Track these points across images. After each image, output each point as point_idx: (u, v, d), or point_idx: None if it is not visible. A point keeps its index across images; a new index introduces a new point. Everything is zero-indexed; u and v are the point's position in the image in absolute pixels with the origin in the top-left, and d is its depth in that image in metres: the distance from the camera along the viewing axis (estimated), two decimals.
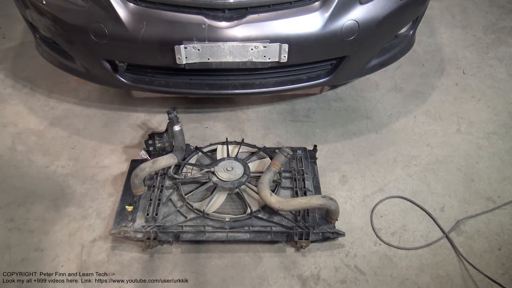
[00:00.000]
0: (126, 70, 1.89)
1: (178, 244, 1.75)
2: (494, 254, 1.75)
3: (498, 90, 2.57)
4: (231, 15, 1.69)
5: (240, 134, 2.25)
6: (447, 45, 2.91)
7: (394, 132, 2.28)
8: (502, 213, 1.91)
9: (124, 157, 2.10)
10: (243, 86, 1.95)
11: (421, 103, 2.46)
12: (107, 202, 1.90)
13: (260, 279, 1.65)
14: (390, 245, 1.77)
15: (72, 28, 1.72)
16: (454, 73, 2.68)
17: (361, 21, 1.72)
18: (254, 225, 1.71)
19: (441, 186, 2.01)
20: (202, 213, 1.71)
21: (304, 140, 2.22)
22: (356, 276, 1.67)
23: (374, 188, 1.99)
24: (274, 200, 1.66)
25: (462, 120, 2.36)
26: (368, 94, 2.51)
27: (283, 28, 1.69)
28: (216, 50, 1.68)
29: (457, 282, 1.66)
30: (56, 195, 1.92)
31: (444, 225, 1.85)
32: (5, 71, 2.57)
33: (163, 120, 2.30)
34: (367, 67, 2.01)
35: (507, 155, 2.17)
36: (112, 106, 2.39)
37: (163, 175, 1.87)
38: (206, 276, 1.65)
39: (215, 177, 1.82)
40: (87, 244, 1.75)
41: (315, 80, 1.96)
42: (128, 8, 1.67)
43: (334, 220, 1.73)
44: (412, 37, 2.14)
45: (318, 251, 1.74)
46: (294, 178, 1.88)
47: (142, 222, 1.70)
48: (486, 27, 3.09)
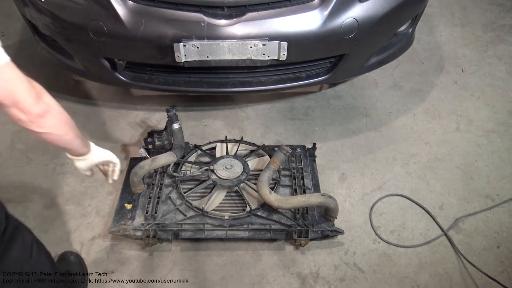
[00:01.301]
0: (125, 68, 1.89)
1: (177, 242, 1.75)
2: (493, 252, 1.75)
3: (497, 88, 2.57)
4: (230, 13, 1.69)
5: (239, 132, 2.25)
6: (446, 43, 2.91)
7: (393, 130, 2.28)
8: (501, 211, 1.91)
9: (123, 155, 2.10)
10: (242, 84, 1.94)
11: (420, 101, 2.46)
12: (106, 200, 1.90)
13: (259, 277, 1.65)
14: (389, 243, 1.77)
15: (71, 26, 1.72)
16: (454, 71, 2.68)
17: (360, 19, 1.72)
18: (253, 223, 1.71)
19: (440, 184, 2.01)
20: (201, 211, 1.72)
21: (303, 138, 2.22)
22: (355, 274, 1.67)
23: (373, 186, 1.99)
24: (273, 198, 1.66)
25: (461, 118, 2.36)
26: (367, 92, 2.51)
27: (282, 26, 1.69)
28: (215, 48, 1.68)
29: (456, 280, 1.66)
30: (55, 193, 1.92)
31: (443, 223, 1.85)
32: None
33: (162, 118, 2.30)
34: (366, 65, 2.01)
35: (506, 153, 2.17)
36: (111, 104, 2.38)
37: (162, 173, 1.87)
38: (206, 274, 1.66)
39: (214, 175, 1.82)
40: (86, 242, 1.75)
41: (314, 78, 1.96)
42: (127, 6, 1.66)
43: (333, 218, 1.73)
44: (412, 35, 2.14)
45: (317, 249, 1.74)
46: (293, 176, 1.88)
47: (141, 220, 1.70)
48: (485, 25, 3.09)
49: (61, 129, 1.06)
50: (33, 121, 0.97)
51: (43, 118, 0.98)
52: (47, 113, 0.99)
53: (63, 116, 1.06)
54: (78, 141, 1.18)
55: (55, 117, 1.02)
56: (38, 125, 0.99)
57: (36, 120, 0.97)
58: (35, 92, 0.96)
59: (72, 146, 1.17)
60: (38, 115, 0.97)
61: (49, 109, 1.00)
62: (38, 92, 0.98)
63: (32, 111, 0.95)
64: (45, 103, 0.99)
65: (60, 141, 1.09)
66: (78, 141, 1.17)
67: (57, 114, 1.03)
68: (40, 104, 0.97)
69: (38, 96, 0.97)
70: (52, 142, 1.07)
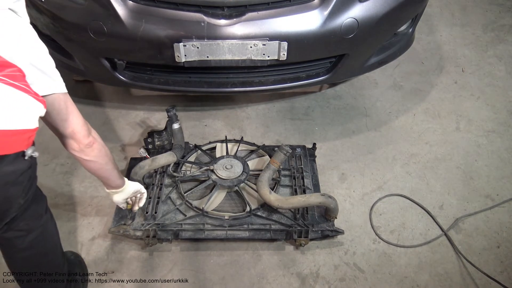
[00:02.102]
0: (125, 68, 1.89)
1: (177, 242, 1.75)
2: (493, 252, 1.75)
3: (497, 88, 2.57)
4: (230, 13, 1.69)
5: (239, 132, 2.25)
6: (446, 43, 2.91)
7: (393, 130, 2.28)
8: (501, 211, 1.91)
9: (123, 155, 2.10)
10: (242, 84, 1.94)
11: (420, 101, 2.46)
12: (106, 200, 1.90)
13: (259, 277, 1.65)
14: (389, 243, 1.77)
15: (71, 26, 1.72)
16: (453, 71, 2.68)
17: (360, 19, 1.72)
18: (253, 223, 1.71)
19: (440, 184, 2.01)
20: (201, 211, 1.72)
21: (303, 138, 2.22)
22: (355, 274, 1.67)
23: (373, 186, 1.99)
24: (273, 198, 1.66)
25: (461, 118, 2.36)
26: (367, 92, 2.51)
27: (282, 26, 1.69)
28: (215, 48, 1.68)
29: (456, 280, 1.66)
30: (55, 193, 1.92)
31: (443, 223, 1.85)
32: None
33: (162, 118, 2.30)
34: (366, 65, 2.01)
35: (506, 153, 2.17)
36: (111, 104, 2.38)
37: (162, 173, 1.87)
38: (205, 274, 1.66)
39: (214, 175, 1.82)
40: (86, 242, 1.75)
41: (314, 78, 1.96)
42: (127, 6, 1.66)
43: (333, 218, 1.73)
44: (411, 35, 2.14)
45: (317, 249, 1.74)
46: (293, 176, 1.88)
47: (141, 220, 1.70)
48: (485, 25, 3.09)
49: (103, 159, 1.24)
50: (83, 150, 1.16)
51: (91, 148, 1.17)
52: (94, 144, 1.17)
53: (105, 148, 1.24)
54: (116, 172, 1.34)
55: (99, 148, 1.20)
56: (86, 154, 1.17)
57: (85, 150, 1.16)
58: (87, 126, 1.15)
59: (111, 176, 1.33)
60: (87, 145, 1.16)
61: (95, 141, 1.18)
62: (88, 126, 1.17)
63: (83, 142, 1.14)
64: (92, 136, 1.17)
65: (102, 169, 1.26)
66: (115, 172, 1.34)
67: (100, 146, 1.21)
68: (90, 137, 1.16)
69: (89, 130, 1.16)
70: (96, 171, 1.26)
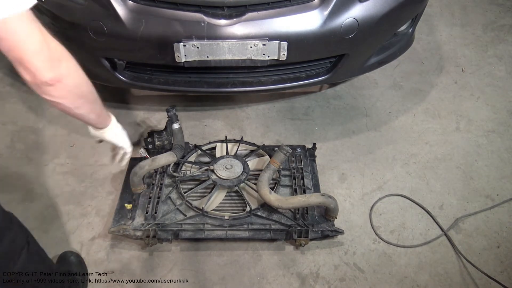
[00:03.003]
0: (125, 68, 1.89)
1: (177, 242, 1.75)
2: (493, 252, 1.75)
3: (497, 88, 2.57)
4: (230, 13, 1.68)
5: (239, 132, 2.25)
6: (446, 43, 2.91)
7: (393, 130, 2.28)
8: (501, 211, 1.91)
9: None
10: (242, 84, 1.94)
11: (420, 101, 2.46)
12: (106, 200, 1.90)
13: (259, 277, 1.65)
14: (389, 243, 1.77)
15: (71, 26, 1.72)
16: (453, 71, 2.68)
17: (360, 19, 1.72)
18: (253, 223, 1.71)
19: (440, 184, 2.01)
20: (201, 211, 1.72)
21: (303, 138, 2.22)
22: (355, 274, 1.67)
23: (373, 186, 1.99)
24: (273, 198, 1.66)
25: (461, 118, 2.36)
26: (367, 92, 2.51)
27: (282, 26, 1.69)
28: (215, 48, 1.68)
29: (456, 280, 1.66)
30: (55, 193, 1.92)
31: (443, 223, 1.85)
32: (4, 70, 2.56)
33: (162, 118, 2.30)
34: (366, 65, 2.01)
35: (506, 153, 2.17)
36: (111, 104, 2.38)
37: (162, 173, 1.87)
38: (205, 274, 1.66)
39: (214, 175, 1.82)
40: (86, 242, 1.75)
41: (314, 78, 1.96)
42: (127, 5, 1.66)
43: (333, 218, 1.73)
44: (411, 35, 2.14)
45: (317, 249, 1.74)
46: (293, 176, 1.88)
47: (141, 220, 1.70)
48: (485, 25, 3.09)
49: (72, 102, 0.99)
50: (39, 87, 0.89)
51: (52, 87, 0.89)
52: (58, 83, 0.89)
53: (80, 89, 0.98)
54: (92, 117, 1.12)
55: (67, 88, 0.93)
56: (44, 92, 0.91)
57: (43, 87, 0.89)
58: (49, 55, 0.85)
59: (84, 120, 1.11)
60: (46, 82, 0.87)
61: (62, 78, 0.90)
62: (55, 56, 0.87)
63: (39, 75, 0.86)
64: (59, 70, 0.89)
65: (70, 113, 1.04)
66: (92, 117, 1.11)
67: (72, 86, 0.94)
68: (53, 70, 0.87)
69: (52, 60, 0.86)
70: (63, 111, 1.02)
